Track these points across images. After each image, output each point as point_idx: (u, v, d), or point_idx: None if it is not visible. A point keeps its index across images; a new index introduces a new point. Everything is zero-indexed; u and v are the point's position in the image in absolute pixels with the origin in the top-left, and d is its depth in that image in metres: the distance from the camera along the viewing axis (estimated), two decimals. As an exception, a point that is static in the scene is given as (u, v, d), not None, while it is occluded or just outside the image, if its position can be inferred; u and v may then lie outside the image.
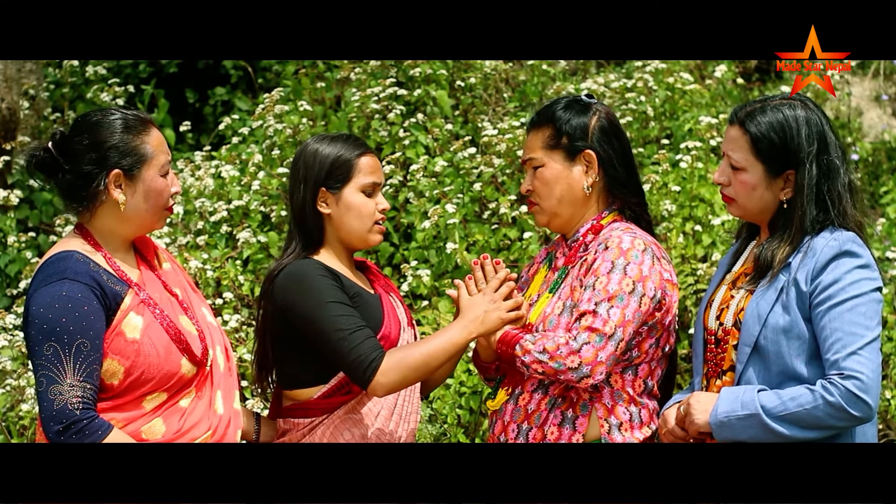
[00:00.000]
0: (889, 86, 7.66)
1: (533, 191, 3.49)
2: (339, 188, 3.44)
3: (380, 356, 3.25)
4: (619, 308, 3.28)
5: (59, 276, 3.06)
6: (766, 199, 3.21)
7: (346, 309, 3.31)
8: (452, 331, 3.32)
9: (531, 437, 3.36)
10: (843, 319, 3.03)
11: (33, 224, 6.60)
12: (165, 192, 3.21)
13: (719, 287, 3.33)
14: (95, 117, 3.19)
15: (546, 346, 3.28)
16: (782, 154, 3.16)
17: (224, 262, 5.88)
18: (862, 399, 2.99)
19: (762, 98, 3.26)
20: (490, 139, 6.16)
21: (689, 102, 6.66)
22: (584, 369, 3.26)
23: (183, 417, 3.16)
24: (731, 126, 3.24)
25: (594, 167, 3.44)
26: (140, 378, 3.10)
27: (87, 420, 3.00)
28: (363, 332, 3.28)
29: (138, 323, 3.12)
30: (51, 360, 3.00)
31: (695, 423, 3.16)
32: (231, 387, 3.31)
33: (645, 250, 3.35)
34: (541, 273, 3.58)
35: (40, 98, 7.10)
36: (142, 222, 3.21)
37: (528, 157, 3.49)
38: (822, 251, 3.09)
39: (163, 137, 3.25)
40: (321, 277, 3.33)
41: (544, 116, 3.48)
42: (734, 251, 3.39)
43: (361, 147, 3.49)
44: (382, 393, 3.27)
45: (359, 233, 3.47)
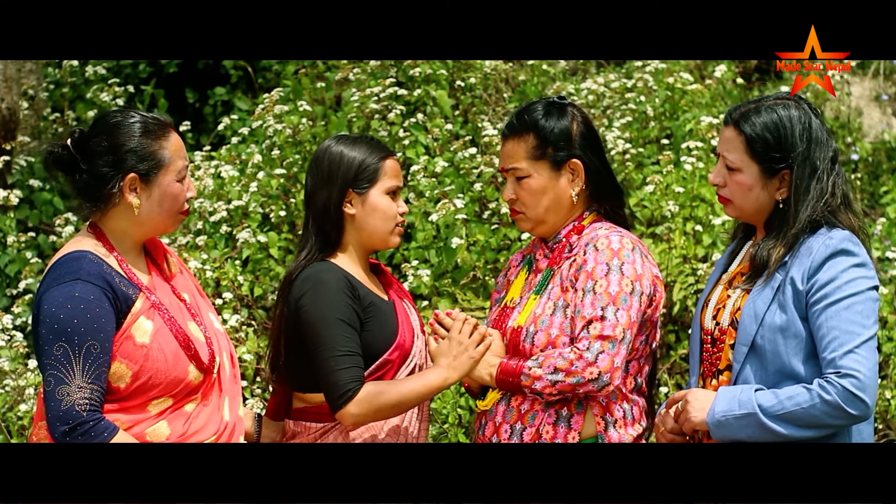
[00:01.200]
0: (889, 86, 7.66)
1: (517, 199, 3.46)
2: (365, 189, 3.45)
3: (358, 387, 3.30)
4: (625, 310, 3.29)
5: (73, 276, 3.05)
6: (761, 200, 3.21)
7: (349, 331, 3.33)
8: (429, 376, 3.38)
9: (526, 437, 3.35)
10: (840, 318, 3.04)
11: (33, 224, 6.60)
12: (181, 197, 3.20)
13: (716, 287, 3.33)
14: (115, 119, 3.18)
15: (558, 366, 3.28)
16: (777, 154, 3.17)
17: (223, 263, 5.88)
18: (859, 397, 2.99)
19: (757, 98, 3.26)
20: (490, 139, 6.16)
21: (689, 102, 6.66)
22: (605, 378, 3.27)
23: (188, 421, 3.16)
24: (725, 127, 3.24)
25: (580, 176, 3.44)
26: (147, 383, 3.10)
27: (93, 422, 2.99)
28: (353, 359, 3.32)
29: (148, 328, 3.11)
30: (60, 360, 3.00)
31: (691, 420, 3.16)
32: (236, 394, 3.31)
33: (634, 249, 3.37)
34: (521, 277, 3.56)
35: (39, 98, 7.10)
36: (155, 225, 3.21)
37: (510, 166, 3.45)
38: (818, 250, 3.10)
39: (181, 142, 3.23)
40: (339, 292, 3.35)
41: (525, 124, 3.44)
42: (730, 251, 3.39)
43: (385, 150, 3.52)
44: (350, 422, 3.32)
45: (381, 234, 3.48)
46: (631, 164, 6.21)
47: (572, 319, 3.34)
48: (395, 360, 3.42)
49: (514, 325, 3.42)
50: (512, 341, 3.41)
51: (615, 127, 6.43)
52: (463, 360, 3.38)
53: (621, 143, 6.25)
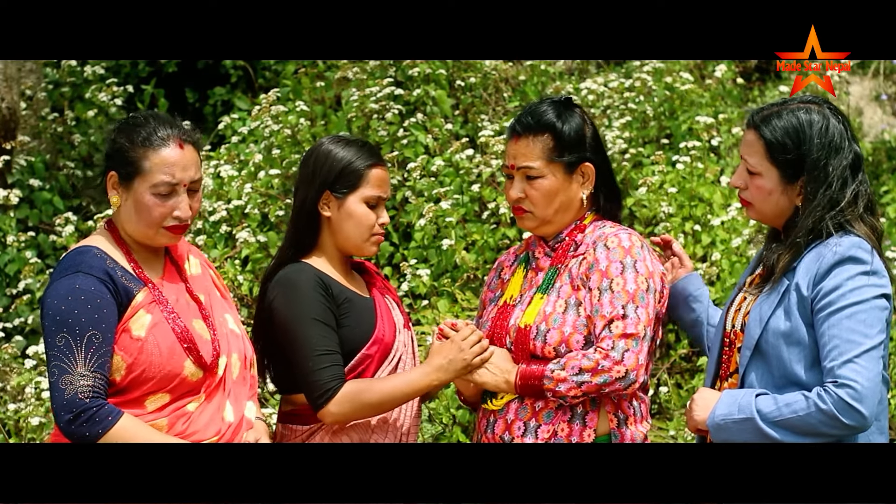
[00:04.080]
0: (889, 85, 7.66)
1: (525, 198, 3.44)
2: (344, 194, 3.43)
3: (338, 385, 3.30)
4: (643, 307, 3.30)
5: (74, 269, 3.11)
6: (781, 205, 3.18)
7: (325, 330, 3.33)
8: (414, 374, 3.37)
9: (541, 435, 3.36)
10: (842, 326, 3.01)
11: (33, 223, 6.60)
12: (156, 211, 3.17)
13: (741, 289, 3.32)
14: (132, 119, 3.26)
15: (583, 366, 3.28)
16: (796, 160, 3.13)
17: (223, 262, 5.88)
18: (854, 408, 2.96)
19: (781, 101, 3.21)
20: (487, 139, 6.16)
21: (688, 102, 6.67)
22: (631, 376, 3.27)
23: (188, 421, 3.16)
24: (747, 130, 3.21)
25: (591, 179, 3.44)
26: (141, 376, 3.11)
27: (96, 408, 3.02)
28: (331, 358, 3.31)
29: (146, 321, 3.13)
30: (63, 350, 3.04)
31: (693, 418, 3.17)
32: (242, 396, 3.31)
33: (642, 246, 3.38)
34: (518, 275, 3.55)
35: (37, 98, 7.10)
36: (135, 231, 3.22)
37: (523, 164, 3.42)
38: (825, 256, 3.06)
39: (178, 159, 3.18)
40: (312, 292, 3.34)
41: (542, 124, 3.41)
42: (760, 253, 3.37)
43: (374, 157, 3.48)
44: (330, 420, 3.32)
45: (354, 241, 3.46)
46: (628, 164, 6.21)
47: (589, 318, 3.34)
48: (375, 354, 3.41)
49: (520, 324, 3.41)
50: (519, 340, 3.40)
51: (615, 126, 6.44)
52: (456, 363, 3.36)
53: (620, 142, 6.26)
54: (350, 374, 3.37)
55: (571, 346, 3.35)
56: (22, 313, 5.82)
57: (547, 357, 3.37)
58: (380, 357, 3.42)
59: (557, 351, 3.35)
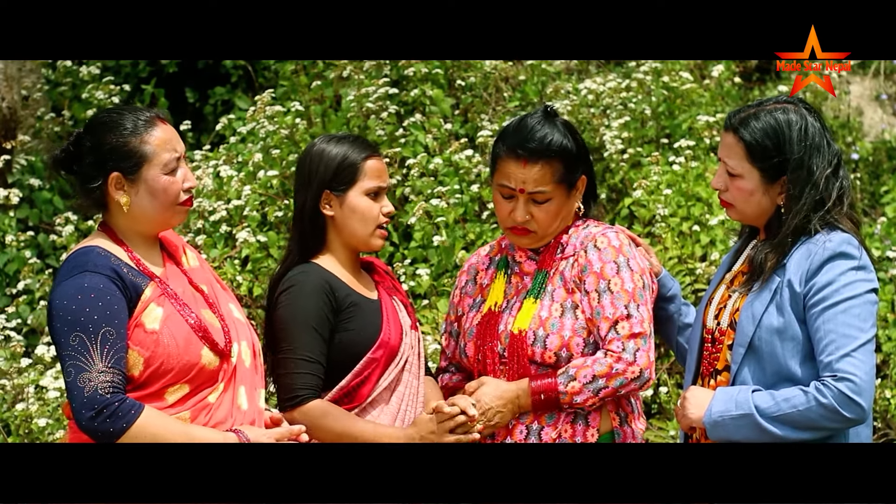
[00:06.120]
0: (889, 85, 7.66)
1: (532, 219, 3.40)
2: (343, 191, 3.44)
3: (308, 397, 3.33)
4: (644, 305, 3.33)
5: (80, 269, 3.09)
6: (763, 205, 3.21)
7: (316, 337, 3.34)
8: (386, 430, 3.37)
9: (545, 436, 3.35)
10: (837, 321, 3.03)
11: (33, 223, 6.60)
12: (172, 189, 3.19)
13: (719, 286, 3.33)
14: (102, 118, 3.21)
15: (597, 373, 3.29)
16: (777, 160, 3.15)
17: (223, 262, 5.88)
18: (855, 401, 2.99)
19: (756, 102, 3.24)
20: (486, 139, 6.15)
21: (687, 102, 6.67)
22: (645, 374, 3.31)
23: (210, 413, 3.17)
24: (725, 132, 3.23)
25: (583, 188, 3.47)
26: (160, 369, 3.10)
27: (118, 402, 3.00)
28: (312, 367, 3.34)
29: (158, 314, 3.12)
30: (77, 349, 3.02)
31: (688, 417, 3.17)
32: (255, 384, 3.30)
33: (629, 244, 3.41)
34: (500, 280, 3.52)
35: (33, 98, 7.10)
36: (152, 220, 3.21)
37: (537, 189, 3.37)
38: (816, 253, 3.09)
39: (170, 134, 3.21)
40: (313, 296, 3.36)
41: (551, 150, 3.37)
42: (735, 250, 3.39)
43: (368, 149, 3.48)
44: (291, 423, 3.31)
45: (361, 236, 3.46)
46: (625, 164, 6.21)
47: (590, 321, 3.34)
48: (381, 358, 3.41)
49: (513, 330, 3.39)
50: (513, 345, 3.38)
51: (614, 126, 6.44)
52: (427, 439, 3.34)
53: (618, 142, 6.26)
54: (356, 377, 3.38)
55: (572, 350, 3.34)
56: (23, 313, 5.82)
57: (546, 362, 3.36)
58: (385, 360, 3.42)
59: (558, 355, 3.34)
